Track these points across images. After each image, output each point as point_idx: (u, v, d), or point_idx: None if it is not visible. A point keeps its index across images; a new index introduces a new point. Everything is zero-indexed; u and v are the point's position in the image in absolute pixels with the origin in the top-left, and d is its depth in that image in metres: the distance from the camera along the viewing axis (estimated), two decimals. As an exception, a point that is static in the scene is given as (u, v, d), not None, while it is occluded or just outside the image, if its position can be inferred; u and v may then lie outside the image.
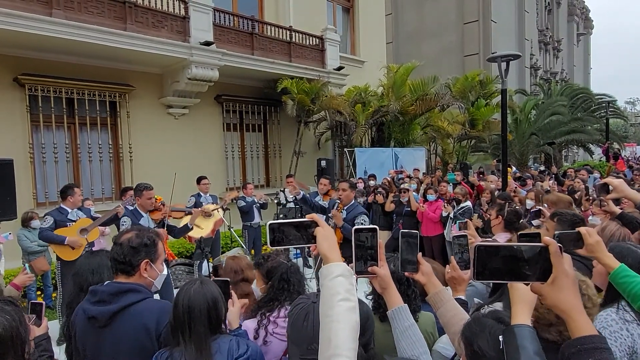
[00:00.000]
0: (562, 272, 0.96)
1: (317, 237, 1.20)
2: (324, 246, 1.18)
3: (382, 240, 1.35)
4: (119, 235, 1.90)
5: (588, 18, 39.90)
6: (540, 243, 0.97)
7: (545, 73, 30.60)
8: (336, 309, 1.07)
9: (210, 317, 1.64)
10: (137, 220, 4.77)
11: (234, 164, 11.00)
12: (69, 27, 6.95)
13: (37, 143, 7.85)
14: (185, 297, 1.63)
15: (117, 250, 1.82)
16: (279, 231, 1.21)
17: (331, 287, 1.11)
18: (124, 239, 1.84)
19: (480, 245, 0.97)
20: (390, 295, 1.42)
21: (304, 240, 1.21)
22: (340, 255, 1.18)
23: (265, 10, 11.75)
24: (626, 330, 1.69)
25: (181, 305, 1.62)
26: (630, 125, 40.47)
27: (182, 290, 1.69)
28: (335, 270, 1.13)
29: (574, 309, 0.97)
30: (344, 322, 1.06)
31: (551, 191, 7.24)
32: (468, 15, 23.69)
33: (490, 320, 1.28)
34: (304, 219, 1.23)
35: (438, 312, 1.57)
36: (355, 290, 1.14)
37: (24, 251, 6.04)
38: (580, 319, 0.97)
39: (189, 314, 1.60)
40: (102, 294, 1.76)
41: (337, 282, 1.11)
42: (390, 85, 12.68)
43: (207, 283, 1.72)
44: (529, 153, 18.59)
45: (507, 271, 0.97)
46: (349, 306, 1.08)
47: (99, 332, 1.75)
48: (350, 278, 1.14)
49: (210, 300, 1.65)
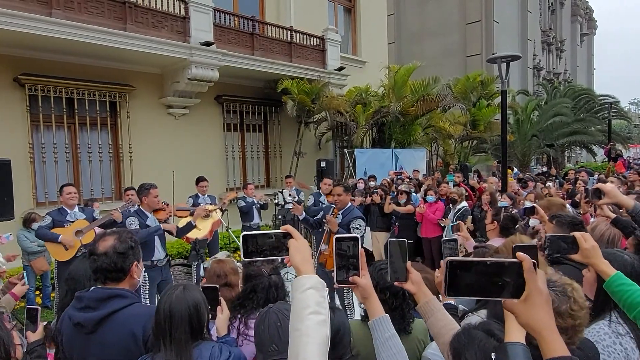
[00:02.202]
0: (536, 289, 0.92)
1: (289, 249, 1.18)
2: (296, 258, 1.17)
3: (380, 243, 1.34)
4: (95, 243, 1.84)
5: (592, 18, 39.71)
6: (514, 259, 0.93)
7: (548, 74, 30.49)
8: (306, 323, 1.06)
9: (192, 323, 1.62)
10: (143, 221, 4.80)
11: (234, 164, 11.00)
12: (69, 27, 6.95)
13: (37, 143, 7.86)
14: (167, 303, 1.62)
15: (105, 260, 1.78)
16: (252, 242, 1.20)
17: (302, 300, 1.09)
18: (107, 247, 1.80)
19: (452, 260, 0.95)
20: (372, 304, 1.40)
21: (278, 252, 1.20)
22: (314, 268, 1.17)
23: (266, 10, 11.74)
24: (619, 344, 1.64)
25: (162, 311, 1.60)
26: (634, 126, 40.22)
27: (164, 296, 1.67)
28: (307, 282, 1.12)
29: (547, 328, 0.93)
30: (313, 337, 1.04)
31: (552, 194, 7.23)
32: (470, 15, 23.63)
33: (479, 332, 1.26)
34: (278, 230, 1.22)
35: (428, 322, 1.55)
36: (327, 303, 1.13)
37: (24, 251, 6.06)
38: (552, 338, 0.93)
39: (170, 319, 1.59)
40: (88, 300, 1.75)
41: (308, 294, 1.10)
42: (391, 85, 12.64)
43: (190, 289, 1.70)
44: (531, 154, 18.53)
45: (479, 287, 0.94)
46: (319, 320, 1.07)
47: (86, 339, 1.74)
48: (322, 291, 1.13)
49: (192, 306, 1.63)
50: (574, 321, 1.32)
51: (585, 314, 1.35)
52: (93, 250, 1.81)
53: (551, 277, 1.40)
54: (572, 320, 1.31)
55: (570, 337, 1.32)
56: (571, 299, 1.33)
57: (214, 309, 1.94)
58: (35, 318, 2.13)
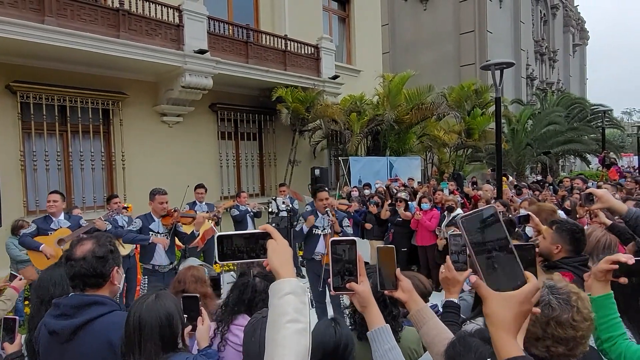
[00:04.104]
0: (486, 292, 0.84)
1: (268, 251, 1.09)
2: (275, 261, 1.07)
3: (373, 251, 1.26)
4: (72, 248, 1.75)
5: (584, 29, 40.20)
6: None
7: (542, 83, 30.74)
8: (282, 332, 0.96)
9: (163, 334, 1.53)
10: (148, 224, 4.83)
11: (228, 172, 10.93)
12: (62, 35, 6.92)
13: (29, 150, 7.78)
14: (137, 313, 1.54)
15: (83, 265, 1.68)
16: (228, 244, 1.10)
17: (279, 306, 1.00)
18: (85, 251, 1.70)
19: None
20: (371, 314, 1.30)
21: (255, 254, 1.11)
22: (294, 272, 1.08)
23: (260, 19, 11.79)
24: None
25: (132, 322, 1.52)
26: (627, 135, 40.52)
27: (134, 305, 1.59)
28: (285, 287, 1.02)
29: (505, 329, 0.83)
30: (290, 348, 0.94)
31: (546, 199, 7.22)
32: (464, 25, 23.86)
33: (476, 340, 1.20)
34: (256, 230, 1.13)
35: (421, 331, 1.47)
36: (307, 310, 1.03)
37: (12, 260, 5.95)
38: (508, 339, 0.83)
39: (139, 330, 1.50)
40: (65, 307, 1.66)
41: (286, 300, 1.00)
42: (385, 94, 12.68)
43: (163, 297, 1.61)
44: (525, 163, 18.59)
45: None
46: (298, 328, 0.97)
47: (62, 348, 1.66)
48: (302, 296, 1.03)
49: (164, 317, 1.54)
50: (575, 332, 1.25)
51: (589, 326, 1.27)
52: (70, 256, 1.72)
53: (556, 284, 1.33)
54: (573, 331, 1.25)
55: (571, 349, 1.25)
56: (574, 309, 1.26)
57: (194, 319, 1.84)
58: (12, 328, 2.05)
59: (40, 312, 1.87)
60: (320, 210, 4.98)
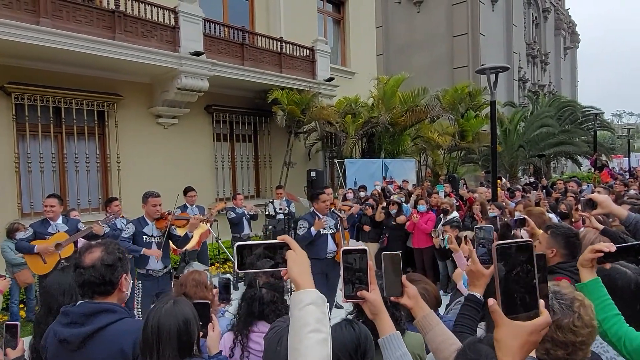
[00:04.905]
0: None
1: (287, 261, 1.12)
2: (295, 271, 1.10)
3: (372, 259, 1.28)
4: (81, 255, 1.75)
5: (575, 32, 40.65)
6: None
7: (533, 86, 31.04)
8: (305, 342, 0.99)
9: (180, 339, 1.54)
10: (141, 228, 4.76)
11: (224, 174, 10.92)
12: (57, 36, 6.88)
13: (23, 152, 7.71)
14: (155, 318, 1.55)
15: (92, 273, 1.69)
16: (248, 253, 1.13)
17: (300, 318, 1.02)
18: (94, 259, 1.71)
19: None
20: (382, 321, 1.32)
21: (274, 264, 1.14)
22: (312, 281, 1.11)
23: (256, 21, 11.80)
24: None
25: (150, 327, 1.53)
26: (617, 137, 41.00)
27: (152, 310, 1.59)
28: (305, 298, 1.05)
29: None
30: (312, 357, 0.97)
31: (540, 202, 7.29)
32: (457, 28, 24.04)
33: (486, 346, 1.22)
34: (275, 240, 1.16)
35: (427, 337, 1.49)
36: (328, 320, 1.06)
37: (8, 263, 5.91)
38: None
39: (158, 335, 1.51)
40: (75, 316, 1.67)
41: (307, 311, 1.03)
42: (380, 96, 12.74)
43: (180, 303, 1.63)
44: (518, 165, 18.74)
45: None
46: (320, 338, 1.00)
47: (71, 356, 1.66)
48: (322, 307, 1.06)
49: (182, 322, 1.56)
50: (575, 337, 1.27)
51: (590, 333, 1.29)
52: (79, 263, 1.72)
53: (561, 290, 1.35)
54: (573, 336, 1.27)
55: (570, 353, 1.28)
56: (576, 314, 1.28)
57: (205, 325, 1.86)
58: (15, 334, 2.04)
59: (48, 319, 1.87)
60: (323, 211, 5.07)
